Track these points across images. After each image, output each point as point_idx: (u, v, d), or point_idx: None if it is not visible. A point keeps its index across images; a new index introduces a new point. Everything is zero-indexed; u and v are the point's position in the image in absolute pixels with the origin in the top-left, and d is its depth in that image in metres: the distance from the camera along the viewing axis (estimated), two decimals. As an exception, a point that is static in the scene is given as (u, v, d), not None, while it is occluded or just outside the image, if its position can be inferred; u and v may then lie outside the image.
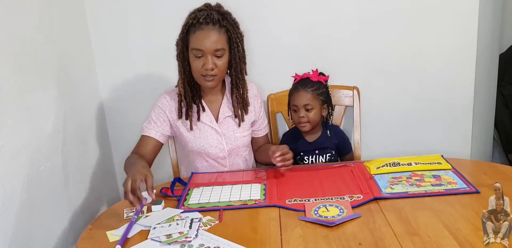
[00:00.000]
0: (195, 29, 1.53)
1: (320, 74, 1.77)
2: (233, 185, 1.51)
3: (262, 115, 1.78)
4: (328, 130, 1.80)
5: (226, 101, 1.70)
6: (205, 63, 1.54)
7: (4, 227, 1.21)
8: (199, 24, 1.53)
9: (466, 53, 1.95)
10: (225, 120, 1.69)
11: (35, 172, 1.38)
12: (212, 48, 1.53)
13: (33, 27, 1.46)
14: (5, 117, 1.24)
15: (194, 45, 1.54)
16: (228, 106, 1.70)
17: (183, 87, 1.62)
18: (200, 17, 1.53)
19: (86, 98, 1.84)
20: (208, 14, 1.54)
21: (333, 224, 1.20)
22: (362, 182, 1.47)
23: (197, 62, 1.55)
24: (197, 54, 1.54)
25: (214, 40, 1.53)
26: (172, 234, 1.20)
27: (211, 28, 1.53)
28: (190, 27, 1.55)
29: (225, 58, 1.58)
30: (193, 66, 1.57)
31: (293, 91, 1.74)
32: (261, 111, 1.77)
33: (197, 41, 1.53)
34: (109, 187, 2.02)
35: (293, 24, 1.94)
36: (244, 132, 1.71)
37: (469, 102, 2.00)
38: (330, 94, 1.78)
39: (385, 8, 1.91)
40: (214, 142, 1.67)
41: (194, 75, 1.59)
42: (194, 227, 1.23)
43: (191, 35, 1.54)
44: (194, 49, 1.54)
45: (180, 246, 1.16)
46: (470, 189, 1.37)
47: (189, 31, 1.55)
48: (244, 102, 1.68)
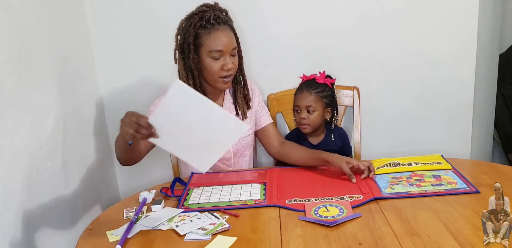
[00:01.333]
0: (207, 31, 1.50)
1: (327, 77, 1.75)
2: (233, 185, 1.51)
3: (263, 105, 1.76)
4: (332, 133, 1.77)
5: (228, 101, 1.70)
6: (225, 64, 1.52)
7: (4, 227, 1.21)
8: (211, 25, 1.50)
9: (466, 53, 1.95)
10: None
11: (35, 172, 1.38)
12: (230, 47, 1.53)
13: (33, 27, 1.46)
14: (5, 118, 1.24)
15: (212, 47, 1.50)
16: (230, 106, 1.70)
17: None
18: (208, 18, 1.50)
19: (86, 98, 1.84)
20: (215, 14, 1.51)
21: (333, 224, 1.20)
22: (362, 182, 1.47)
23: (215, 64, 1.52)
24: (215, 56, 1.51)
25: (230, 39, 1.53)
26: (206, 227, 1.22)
27: (223, 28, 1.52)
28: (198, 29, 1.51)
29: (237, 55, 1.58)
30: (211, 69, 1.53)
31: (297, 92, 1.74)
32: (260, 103, 1.76)
33: (215, 42, 1.50)
34: (109, 187, 2.02)
35: (293, 24, 1.94)
36: (248, 131, 1.71)
37: (469, 102, 2.00)
38: (335, 98, 1.75)
39: (385, 8, 1.91)
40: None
41: (211, 77, 1.55)
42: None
43: (204, 37, 1.51)
44: (212, 51, 1.50)
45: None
46: (470, 189, 1.37)
47: (198, 35, 1.52)
48: (246, 97, 1.68)
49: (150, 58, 1.97)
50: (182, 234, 1.21)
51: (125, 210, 1.39)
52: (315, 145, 1.77)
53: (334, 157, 1.52)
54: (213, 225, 1.23)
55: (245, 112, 1.69)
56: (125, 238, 1.20)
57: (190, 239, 1.19)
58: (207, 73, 1.55)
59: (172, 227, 1.25)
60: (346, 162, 1.48)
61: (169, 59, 1.65)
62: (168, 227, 1.25)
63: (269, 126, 1.75)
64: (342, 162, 1.48)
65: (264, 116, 1.75)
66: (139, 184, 2.07)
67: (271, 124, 1.76)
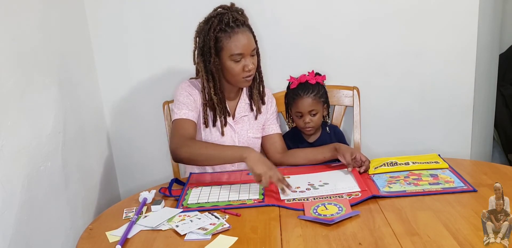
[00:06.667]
0: (227, 34, 1.51)
1: (317, 75, 1.77)
2: (232, 185, 1.51)
3: (275, 117, 1.78)
4: (328, 129, 1.80)
5: (243, 100, 1.71)
6: (246, 65, 1.54)
7: (4, 227, 1.21)
8: (231, 28, 1.51)
9: (466, 53, 1.95)
10: (241, 119, 1.69)
11: (35, 172, 1.38)
12: (250, 48, 1.54)
13: (33, 27, 1.46)
14: (5, 118, 1.24)
15: (233, 51, 1.52)
16: (244, 105, 1.70)
17: (215, 94, 1.58)
18: (227, 21, 1.51)
19: (86, 98, 1.84)
20: (233, 16, 1.52)
21: (332, 222, 1.21)
22: (360, 181, 1.47)
23: (237, 66, 1.54)
24: (236, 59, 1.53)
25: (249, 41, 1.54)
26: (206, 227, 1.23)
27: (242, 30, 1.53)
28: (218, 33, 1.52)
29: (256, 55, 1.60)
30: (233, 71, 1.54)
31: (295, 98, 1.73)
32: (274, 114, 1.77)
33: (236, 45, 1.51)
34: (109, 187, 2.02)
35: (293, 24, 1.94)
36: (257, 133, 1.72)
37: (469, 102, 2.00)
38: (327, 93, 1.78)
39: (385, 8, 1.91)
40: (227, 139, 1.66)
41: (233, 79, 1.57)
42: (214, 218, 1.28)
43: (225, 41, 1.52)
44: (233, 55, 1.52)
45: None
46: (468, 187, 1.37)
47: (218, 39, 1.53)
48: (261, 93, 1.70)
49: (150, 58, 1.97)
50: (182, 234, 1.21)
51: (125, 210, 1.39)
52: (313, 143, 1.78)
53: (342, 145, 1.61)
54: (213, 225, 1.23)
55: (260, 108, 1.71)
56: (125, 238, 1.20)
57: (190, 239, 1.19)
58: (229, 75, 1.57)
59: (172, 227, 1.25)
60: (350, 153, 1.54)
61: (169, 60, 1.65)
62: (168, 227, 1.25)
63: (276, 134, 1.76)
64: (348, 152, 1.56)
65: (272, 125, 1.77)
66: (139, 184, 2.07)
67: (278, 133, 1.77)
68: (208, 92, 1.60)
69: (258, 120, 1.72)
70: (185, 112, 1.57)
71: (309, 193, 1.42)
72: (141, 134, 2.05)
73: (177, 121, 1.57)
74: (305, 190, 1.44)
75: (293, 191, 1.42)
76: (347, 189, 1.42)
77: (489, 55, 2.21)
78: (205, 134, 1.64)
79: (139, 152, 2.08)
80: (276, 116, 1.78)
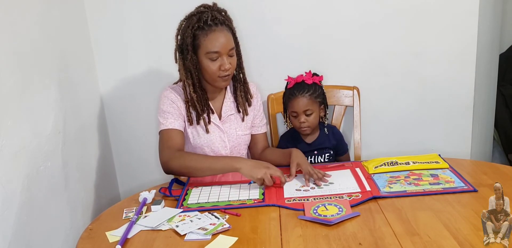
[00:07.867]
0: (205, 32, 1.51)
1: (314, 75, 1.76)
2: (232, 185, 1.51)
3: (261, 113, 1.78)
4: (326, 129, 1.80)
5: (228, 99, 1.70)
6: (222, 64, 1.53)
7: (4, 227, 1.21)
8: (208, 27, 1.51)
9: (466, 53, 1.95)
10: (228, 118, 1.69)
11: (35, 172, 1.38)
12: (228, 48, 1.54)
13: (33, 27, 1.46)
14: (5, 118, 1.24)
15: (209, 49, 1.51)
16: (230, 104, 1.70)
17: (194, 92, 1.59)
18: (205, 19, 1.51)
19: (86, 98, 1.84)
20: (212, 15, 1.52)
21: (332, 223, 1.20)
22: (361, 181, 1.47)
23: (213, 65, 1.53)
24: (212, 57, 1.53)
25: (227, 40, 1.53)
26: (206, 227, 1.23)
27: (220, 28, 1.53)
28: (196, 31, 1.52)
29: (235, 55, 1.59)
30: (209, 69, 1.54)
31: (290, 98, 1.73)
32: (260, 109, 1.77)
33: (212, 43, 1.51)
34: (109, 187, 2.02)
35: (293, 24, 1.94)
36: (246, 130, 1.72)
37: (469, 102, 2.00)
38: (325, 94, 1.78)
39: (386, 8, 1.91)
40: (216, 140, 1.66)
41: (209, 77, 1.57)
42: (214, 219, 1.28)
43: (201, 39, 1.52)
44: (210, 52, 1.52)
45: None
46: (468, 187, 1.37)
47: (196, 36, 1.53)
48: (247, 95, 1.70)
49: (149, 58, 1.97)
50: (182, 234, 1.21)
51: (125, 210, 1.39)
52: (311, 143, 1.78)
53: (295, 154, 1.57)
54: (213, 225, 1.23)
55: (246, 110, 1.71)
56: (125, 238, 1.20)
57: (190, 239, 1.19)
58: (206, 73, 1.57)
59: (172, 227, 1.25)
60: (296, 164, 1.53)
61: (169, 60, 1.65)
62: (168, 227, 1.25)
63: (260, 135, 1.78)
64: (294, 162, 1.54)
65: (258, 126, 1.77)
66: (139, 184, 2.07)
67: (263, 133, 1.79)
68: (188, 91, 1.60)
69: (246, 119, 1.72)
70: (171, 122, 1.59)
71: (313, 192, 1.42)
72: (141, 134, 2.05)
73: (165, 132, 1.59)
74: (309, 188, 1.45)
75: (298, 190, 1.44)
76: (347, 189, 1.42)
77: (489, 55, 2.21)
78: (192, 135, 1.65)
79: (139, 152, 2.08)
80: (262, 111, 1.79)
